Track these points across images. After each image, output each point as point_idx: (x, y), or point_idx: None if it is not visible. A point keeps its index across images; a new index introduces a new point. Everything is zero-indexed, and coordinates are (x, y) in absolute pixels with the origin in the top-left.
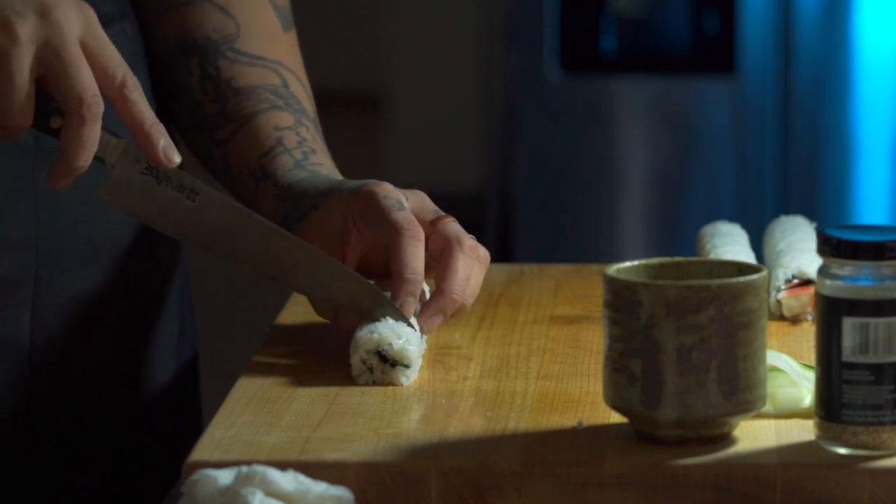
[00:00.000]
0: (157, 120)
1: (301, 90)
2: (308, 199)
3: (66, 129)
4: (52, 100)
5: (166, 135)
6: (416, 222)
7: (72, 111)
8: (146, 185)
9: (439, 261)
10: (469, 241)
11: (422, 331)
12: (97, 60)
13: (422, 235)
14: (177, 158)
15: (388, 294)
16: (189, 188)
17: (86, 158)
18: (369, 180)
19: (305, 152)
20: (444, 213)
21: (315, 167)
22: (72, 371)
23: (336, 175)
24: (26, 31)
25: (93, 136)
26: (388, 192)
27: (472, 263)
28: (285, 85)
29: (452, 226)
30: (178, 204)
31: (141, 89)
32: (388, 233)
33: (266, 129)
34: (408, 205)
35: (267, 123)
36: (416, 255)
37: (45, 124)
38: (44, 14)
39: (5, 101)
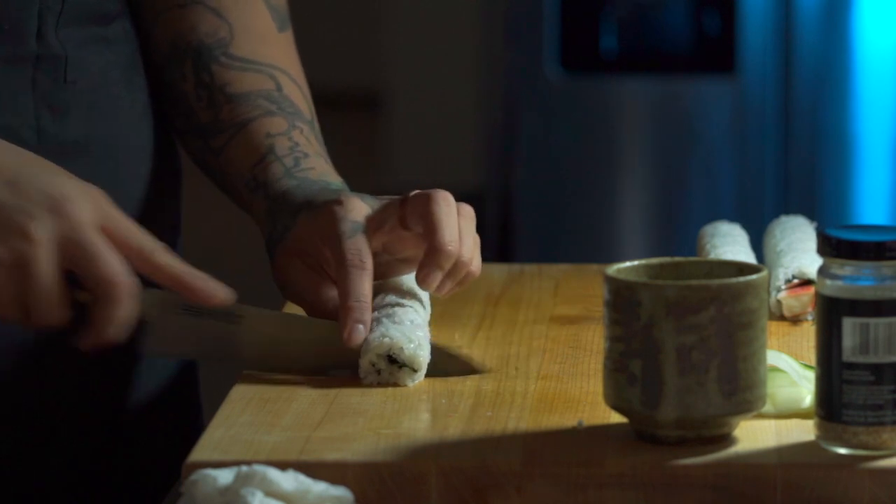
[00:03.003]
0: (192, 269)
1: (296, 91)
2: (286, 216)
3: (97, 310)
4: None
5: (206, 277)
6: (365, 251)
7: (105, 295)
8: (188, 324)
9: (421, 225)
10: (441, 192)
11: (424, 292)
12: (122, 240)
13: (368, 265)
14: (228, 295)
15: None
16: (228, 312)
17: (120, 334)
18: (342, 193)
19: (297, 158)
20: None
21: (306, 172)
22: (78, 367)
23: (328, 177)
24: (42, 230)
25: (127, 314)
26: (346, 214)
27: (452, 214)
28: (279, 88)
29: (420, 192)
30: (223, 331)
31: (167, 250)
32: (336, 260)
33: (258, 136)
34: (376, 209)
35: (259, 130)
36: (360, 284)
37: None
38: (56, 210)
39: (38, 303)
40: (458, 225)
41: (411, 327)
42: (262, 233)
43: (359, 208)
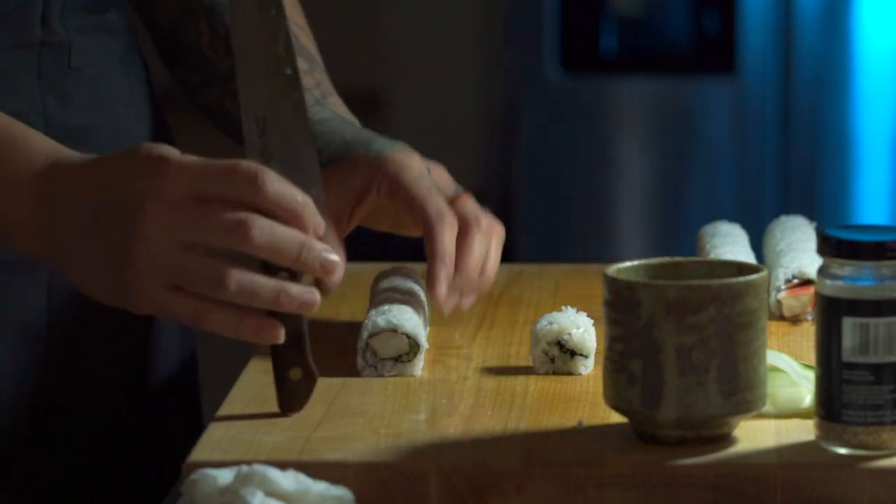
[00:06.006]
0: None
1: (307, 40)
2: (333, 146)
3: None
4: None
5: None
6: (452, 210)
7: None
8: None
9: (457, 240)
10: (486, 220)
11: (435, 312)
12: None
13: (456, 222)
14: None
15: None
16: None
17: None
18: (395, 145)
19: (324, 93)
20: (462, 190)
21: (333, 108)
22: (85, 355)
23: (350, 116)
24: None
25: None
26: (422, 170)
27: (487, 243)
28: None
29: (470, 205)
30: None
31: None
32: (425, 218)
33: None
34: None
35: None
36: (452, 241)
37: None
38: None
39: None
40: (486, 250)
41: (577, 315)
42: None
43: (424, 167)
